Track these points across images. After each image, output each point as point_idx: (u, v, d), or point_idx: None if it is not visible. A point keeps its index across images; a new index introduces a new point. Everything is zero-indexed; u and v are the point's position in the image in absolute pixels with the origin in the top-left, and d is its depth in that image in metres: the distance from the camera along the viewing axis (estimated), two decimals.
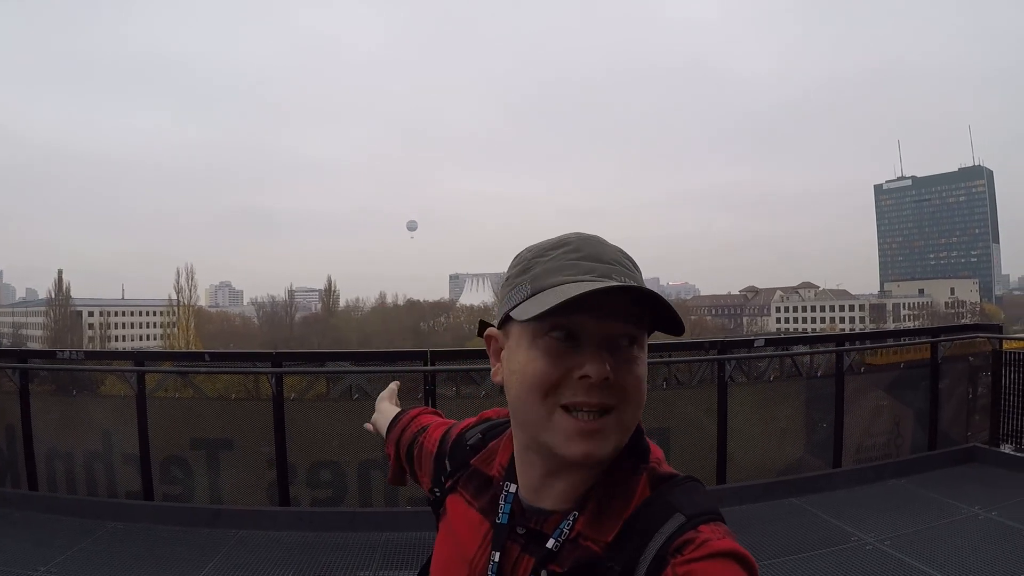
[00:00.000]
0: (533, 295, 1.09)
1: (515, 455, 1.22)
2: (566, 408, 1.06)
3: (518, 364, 1.11)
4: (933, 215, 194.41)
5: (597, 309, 1.04)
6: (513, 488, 1.21)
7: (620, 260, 1.12)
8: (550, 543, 1.10)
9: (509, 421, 1.26)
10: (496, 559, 1.16)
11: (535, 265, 1.13)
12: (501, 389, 1.16)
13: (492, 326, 1.23)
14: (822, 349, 8.51)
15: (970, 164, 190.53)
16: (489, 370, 1.23)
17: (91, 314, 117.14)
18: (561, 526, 1.11)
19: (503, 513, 1.19)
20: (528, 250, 1.19)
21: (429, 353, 7.11)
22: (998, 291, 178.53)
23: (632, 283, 1.07)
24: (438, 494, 1.39)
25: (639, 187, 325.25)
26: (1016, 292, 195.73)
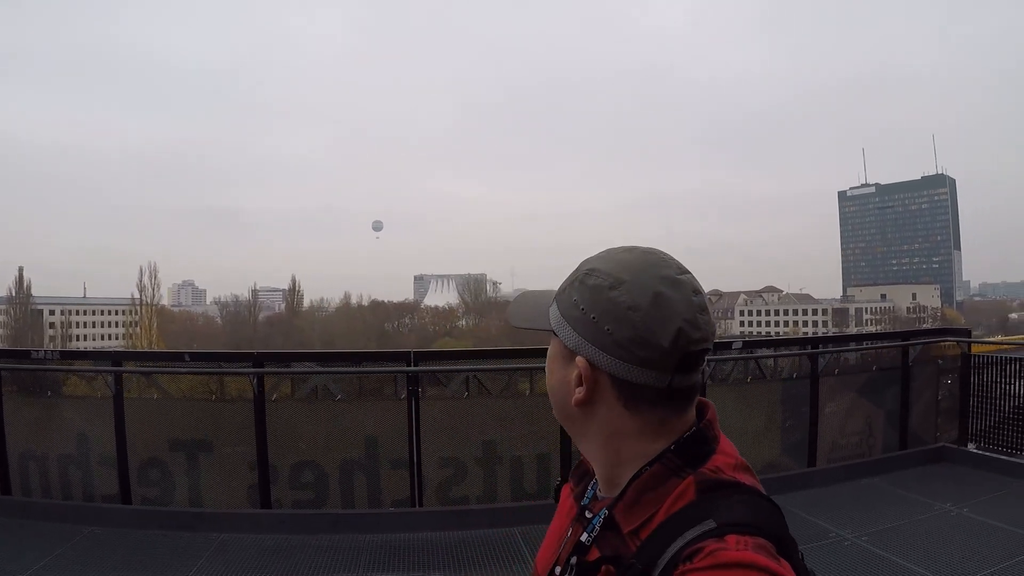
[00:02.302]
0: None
1: None
2: None
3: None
4: (896, 222, 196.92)
5: None
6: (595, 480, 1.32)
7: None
8: (584, 536, 1.20)
9: None
10: (568, 535, 1.28)
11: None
12: (491, 391, 1.34)
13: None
14: (799, 352, 8.64)
15: (933, 172, 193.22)
16: (471, 370, 1.43)
17: (52, 313, 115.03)
18: (600, 513, 1.20)
19: (587, 497, 1.31)
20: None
21: (412, 354, 7.11)
22: (959, 297, 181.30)
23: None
24: (559, 482, 1.47)
25: (604, 191, 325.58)
26: (977, 298, 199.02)
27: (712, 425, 1.22)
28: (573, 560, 1.19)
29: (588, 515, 1.24)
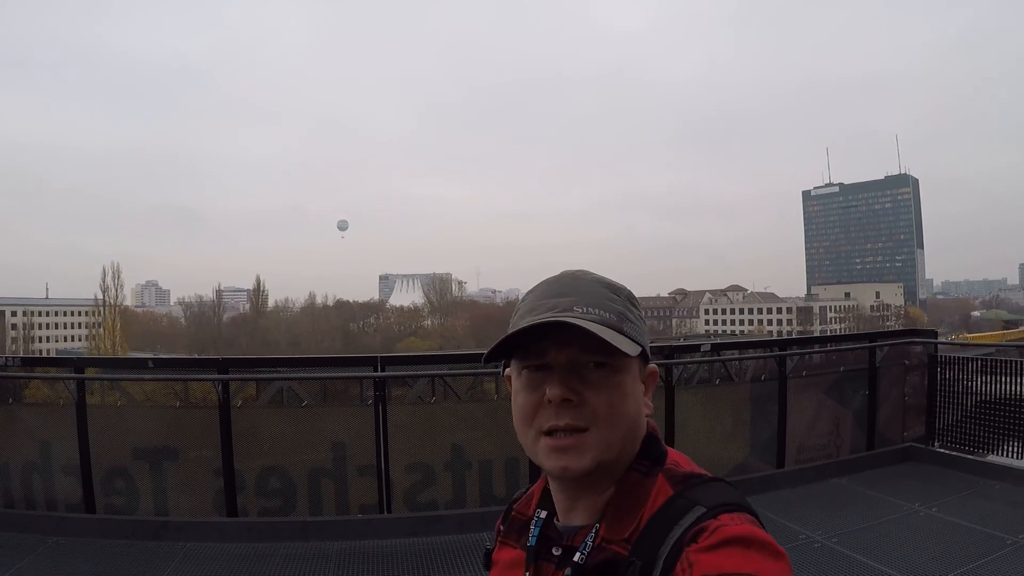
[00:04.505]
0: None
1: (548, 482, 1.33)
2: (547, 433, 1.19)
3: (513, 397, 1.26)
4: (860, 221, 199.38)
5: (561, 340, 1.19)
6: (543, 514, 1.32)
7: (592, 291, 1.25)
8: (576, 556, 1.19)
9: None
10: None
11: (520, 307, 1.28)
12: (459, 395, 1.30)
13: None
14: (767, 354, 8.66)
15: (896, 172, 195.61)
16: (434, 376, 1.39)
17: (14, 314, 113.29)
18: (586, 539, 1.21)
19: (532, 537, 1.30)
20: (527, 292, 1.32)
21: (379, 359, 7.05)
22: (922, 295, 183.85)
23: (584, 311, 1.20)
24: (488, 548, 1.45)
25: (569, 191, 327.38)
26: (939, 296, 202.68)
27: (653, 424, 1.31)
28: None
29: (556, 551, 1.25)
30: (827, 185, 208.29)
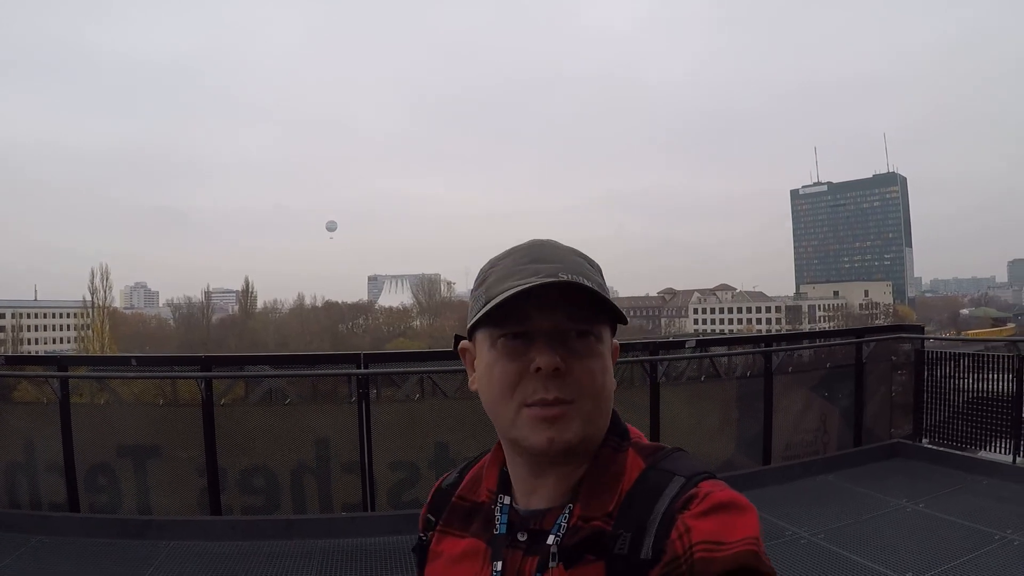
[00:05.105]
0: (487, 303, 1.15)
1: (507, 464, 1.25)
2: (529, 406, 1.12)
3: (484, 369, 1.19)
4: (848, 220, 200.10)
5: (545, 307, 1.12)
6: (507, 500, 1.23)
7: (570, 259, 1.19)
8: (550, 539, 1.13)
9: (483, 454, 1.34)
10: (498, 568, 1.18)
11: (490, 275, 1.20)
12: (446, 393, 1.23)
13: (465, 339, 1.29)
14: (753, 350, 8.65)
15: (885, 171, 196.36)
16: (417, 374, 1.32)
17: (3, 316, 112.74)
18: (559, 520, 1.15)
19: (500, 524, 1.21)
20: (487, 263, 1.25)
21: (362, 356, 7.01)
22: (911, 293, 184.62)
23: (571, 278, 1.12)
24: (423, 538, 1.36)
25: (558, 190, 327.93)
26: (928, 294, 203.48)
27: None
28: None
29: (522, 537, 1.17)
30: (815, 184, 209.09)
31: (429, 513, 1.37)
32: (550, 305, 1.12)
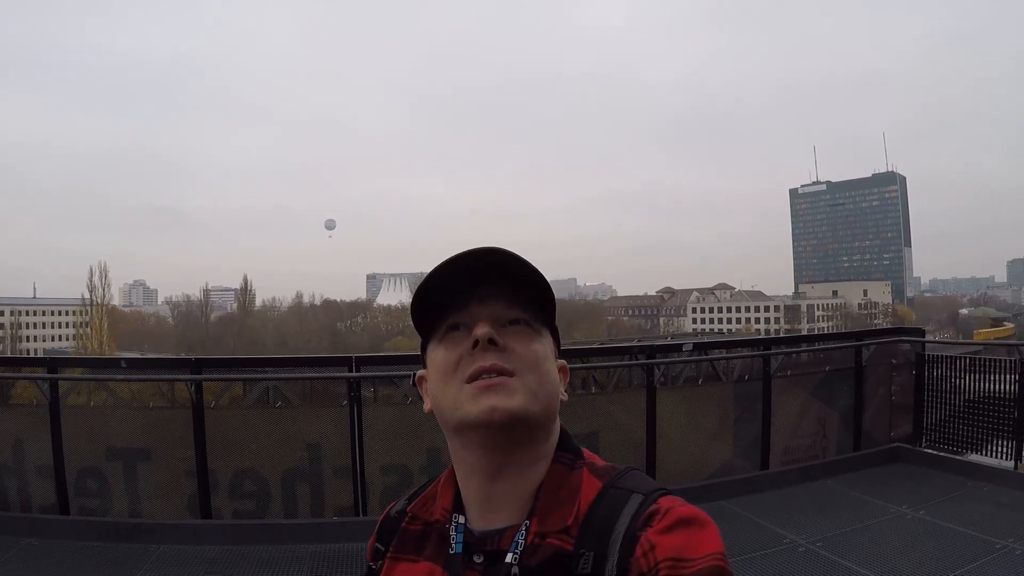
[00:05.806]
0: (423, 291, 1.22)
1: (458, 481, 1.23)
2: (471, 382, 1.13)
3: (431, 366, 1.22)
4: (847, 219, 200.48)
5: (481, 297, 1.19)
6: (461, 519, 1.21)
7: (516, 260, 1.19)
8: (508, 556, 1.11)
9: (430, 482, 1.32)
10: None
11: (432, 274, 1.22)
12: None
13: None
14: (751, 353, 8.57)
15: (884, 170, 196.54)
16: (412, 374, 1.32)
17: (1, 314, 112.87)
18: (516, 538, 1.13)
19: (456, 543, 1.18)
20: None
21: (354, 359, 6.93)
22: (910, 293, 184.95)
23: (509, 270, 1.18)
24: (372, 567, 1.32)
25: (555, 189, 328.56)
26: (927, 294, 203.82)
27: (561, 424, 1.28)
28: None
29: (478, 559, 1.15)
30: (814, 183, 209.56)
31: (377, 542, 1.33)
32: (490, 296, 1.18)
